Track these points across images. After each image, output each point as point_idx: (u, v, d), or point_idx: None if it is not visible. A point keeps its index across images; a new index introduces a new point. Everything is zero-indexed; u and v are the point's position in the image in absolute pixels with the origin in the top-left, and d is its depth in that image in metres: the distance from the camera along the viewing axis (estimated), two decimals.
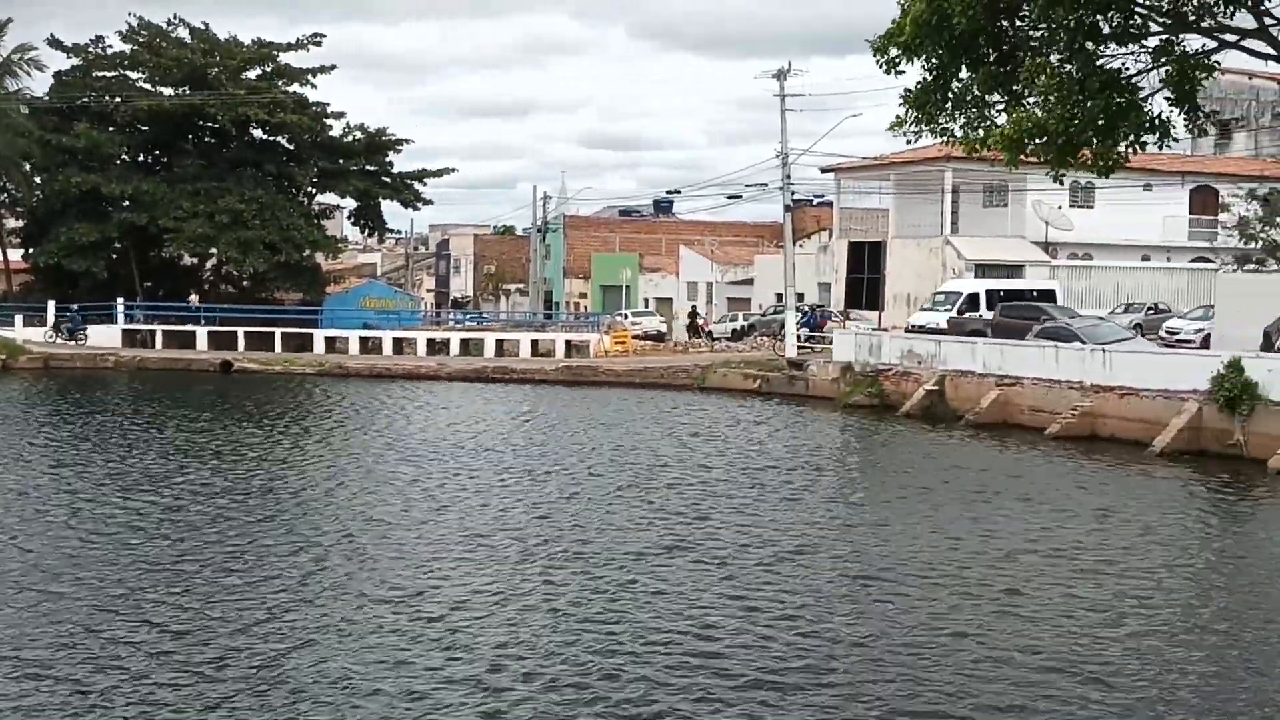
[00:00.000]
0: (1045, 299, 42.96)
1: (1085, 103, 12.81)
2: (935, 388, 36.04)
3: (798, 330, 47.27)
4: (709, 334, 61.62)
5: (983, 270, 49.60)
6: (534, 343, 55.88)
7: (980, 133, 13.11)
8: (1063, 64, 13.28)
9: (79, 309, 55.65)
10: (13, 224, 63.67)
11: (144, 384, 44.80)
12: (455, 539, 18.89)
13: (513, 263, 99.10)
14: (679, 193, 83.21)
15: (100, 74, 62.07)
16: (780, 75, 46.20)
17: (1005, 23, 12.81)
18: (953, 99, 13.15)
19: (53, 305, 56.18)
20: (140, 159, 63.51)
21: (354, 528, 19.70)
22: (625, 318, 65.99)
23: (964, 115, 13.18)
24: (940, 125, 13.32)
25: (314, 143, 62.68)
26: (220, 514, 20.68)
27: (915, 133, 13.59)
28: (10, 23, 59.71)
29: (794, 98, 46.44)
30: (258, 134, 62.92)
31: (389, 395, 41.62)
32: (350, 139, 63.61)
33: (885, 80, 27.10)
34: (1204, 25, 13.98)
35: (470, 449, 28.89)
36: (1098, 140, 13.35)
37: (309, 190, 64.72)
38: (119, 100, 60.27)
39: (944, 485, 24.44)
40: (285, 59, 62.42)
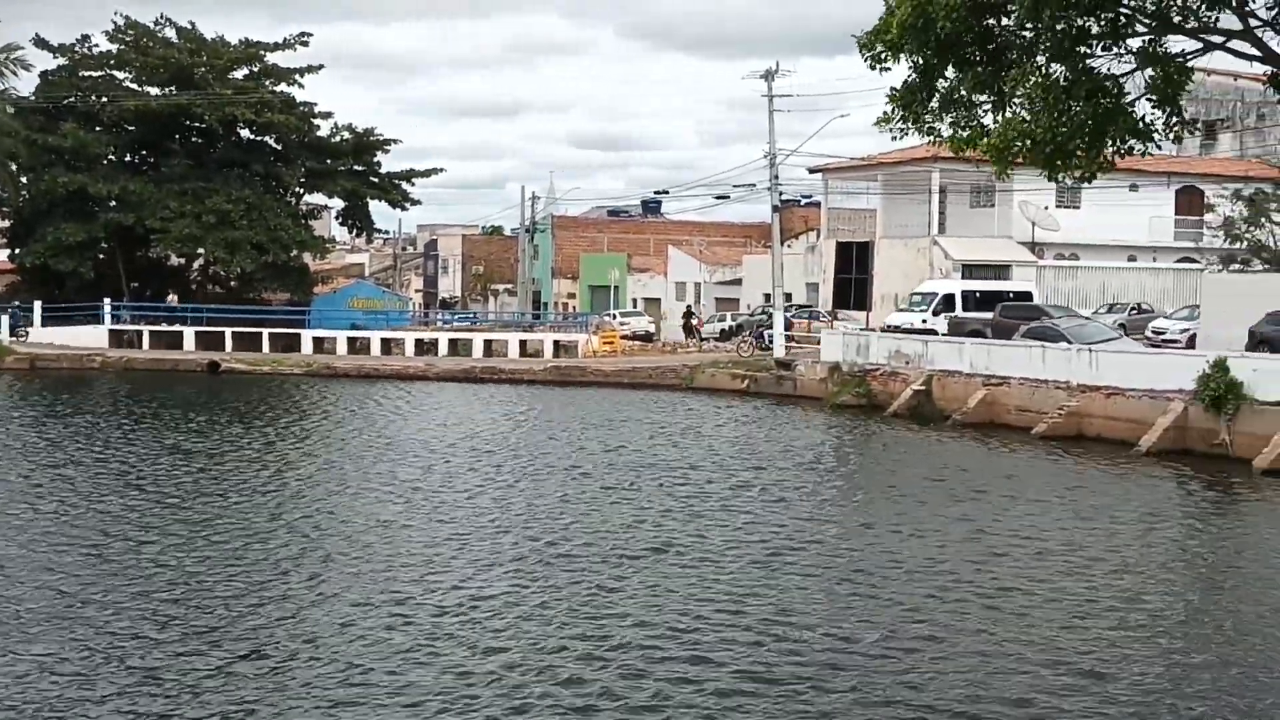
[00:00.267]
0: (1021, 299, 43.19)
1: (1072, 109, 12.85)
2: (922, 388, 36.14)
3: (765, 333, 47.86)
4: (700, 334, 61.65)
5: (970, 270, 49.74)
6: (522, 343, 55.88)
7: (966, 133, 13.15)
8: (1049, 64, 13.33)
9: (18, 305, 55.85)
10: None
11: (130, 385, 44.65)
12: (445, 540, 18.88)
13: (501, 263, 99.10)
14: (667, 193, 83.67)
15: (87, 74, 61.81)
16: (768, 76, 46.32)
17: (992, 21, 12.86)
18: (939, 99, 13.20)
19: (39, 306, 56.04)
20: (127, 159, 63.26)
21: (343, 529, 19.68)
22: (613, 318, 66.04)
23: (951, 115, 13.23)
24: (926, 124, 13.37)
25: (301, 143, 62.55)
26: (207, 516, 20.63)
27: (901, 130, 13.64)
28: None
29: (782, 98, 46.64)
30: (245, 134, 62.75)
31: (377, 396, 41.57)
32: (338, 139, 63.49)
33: (873, 81, 27.17)
34: (1189, 27, 14.06)
35: (459, 449, 28.88)
36: (1085, 146, 13.40)
37: (296, 190, 64.55)
38: (105, 100, 60.07)
39: (931, 485, 24.50)
40: (273, 59, 62.26)
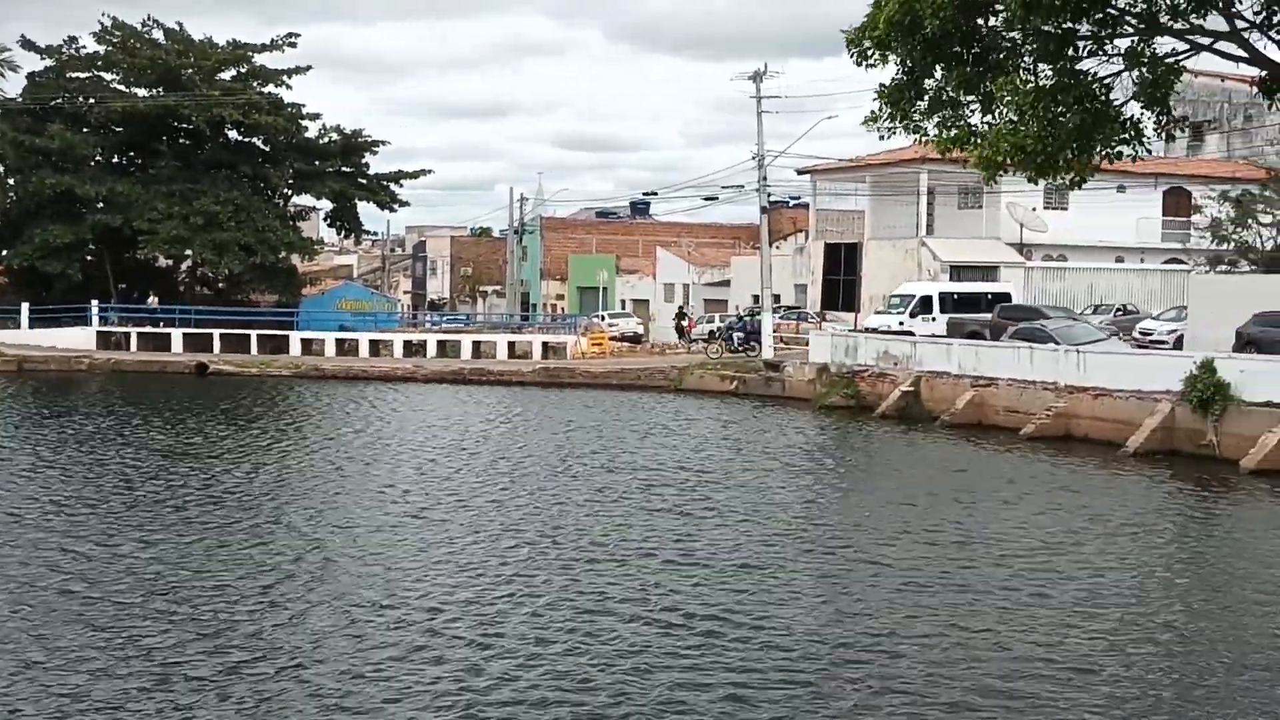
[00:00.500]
0: (1000, 300, 43.60)
1: (1060, 116, 12.85)
2: (911, 389, 36.20)
3: (734, 335, 48.24)
4: (690, 335, 61.59)
5: (958, 272, 49.85)
6: (511, 344, 55.84)
7: (954, 132, 13.16)
8: (1036, 64, 13.32)
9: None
10: None
11: (119, 386, 44.54)
12: (434, 542, 18.86)
13: (489, 264, 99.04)
14: (656, 194, 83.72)
15: (74, 75, 61.62)
16: (756, 77, 46.36)
17: (980, 21, 12.86)
18: (927, 98, 13.21)
19: (26, 307, 55.89)
20: (114, 160, 63.11)
21: (333, 532, 19.64)
22: (602, 319, 66.01)
23: (938, 115, 13.24)
24: (913, 123, 13.37)
25: (289, 144, 62.43)
26: (198, 519, 20.59)
27: (889, 130, 13.64)
28: None
29: (770, 100, 46.67)
30: (233, 135, 62.63)
31: (365, 397, 41.50)
32: (326, 140, 63.38)
33: (861, 82, 27.19)
34: (1176, 28, 14.10)
35: (448, 452, 28.86)
36: (1074, 153, 13.41)
37: (284, 192, 64.45)
38: (93, 101, 59.91)
39: (919, 486, 24.55)
40: (260, 60, 62.13)
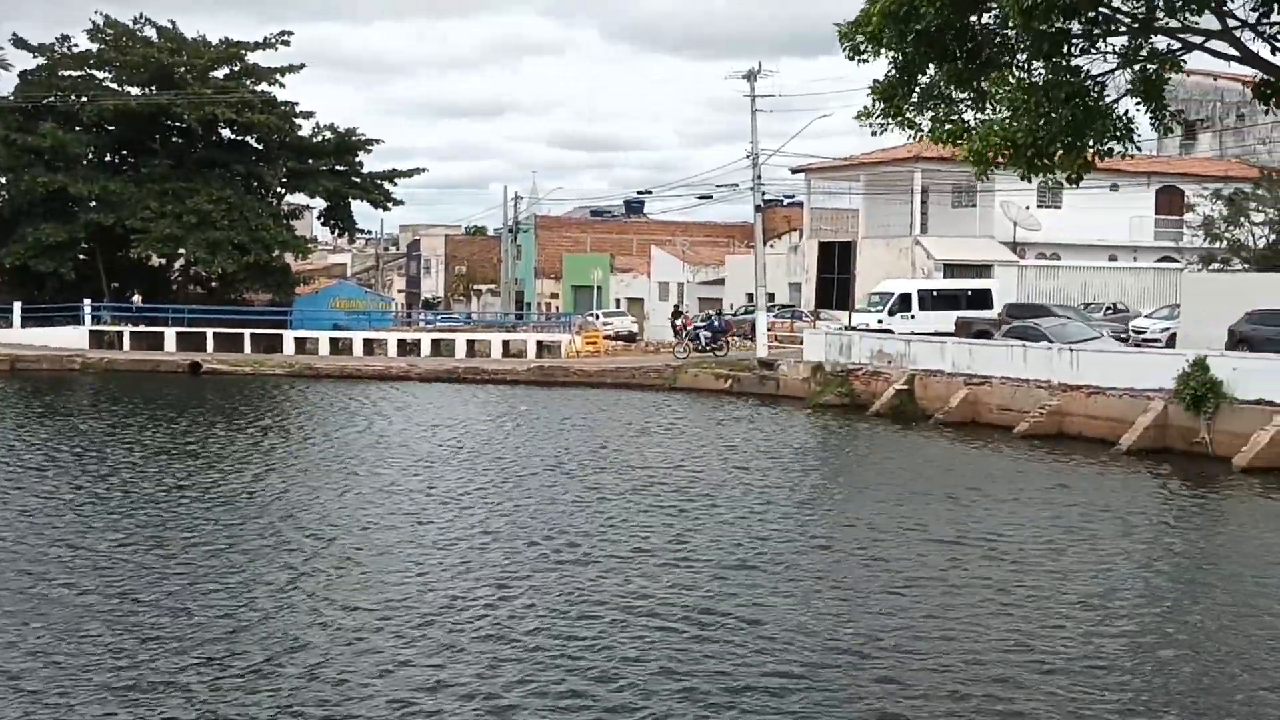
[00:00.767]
0: (979, 298, 43.82)
1: (1052, 112, 12.89)
2: (905, 387, 36.21)
3: (700, 334, 48.49)
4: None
5: (951, 270, 49.95)
6: (505, 343, 55.80)
7: (948, 126, 13.19)
8: (1029, 61, 13.36)
9: None
10: None
11: (112, 386, 44.45)
12: (430, 541, 18.84)
13: (484, 263, 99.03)
14: (650, 193, 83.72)
15: (66, 73, 61.53)
16: (750, 76, 46.38)
17: (974, 18, 12.89)
18: (919, 94, 13.23)
19: (19, 306, 55.77)
20: (107, 159, 63.03)
21: (329, 532, 19.61)
22: (596, 318, 66.02)
23: (931, 111, 13.26)
24: (906, 119, 13.39)
25: (283, 142, 62.37)
26: (193, 518, 20.55)
27: (881, 125, 13.65)
28: None
29: (764, 98, 46.70)
30: (226, 134, 62.57)
31: (360, 397, 41.43)
32: (320, 139, 63.33)
33: (855, 81, 27.29)
34: (1169, 27, 14.14)
35: (442, 451, 28.83)
36: (1065, 149, 13.45)
37: (278, 190, 64.41)
38: (85, 100, 59.80)
39: (913, 485, 24.55)
40: (253, 58, 62.07)
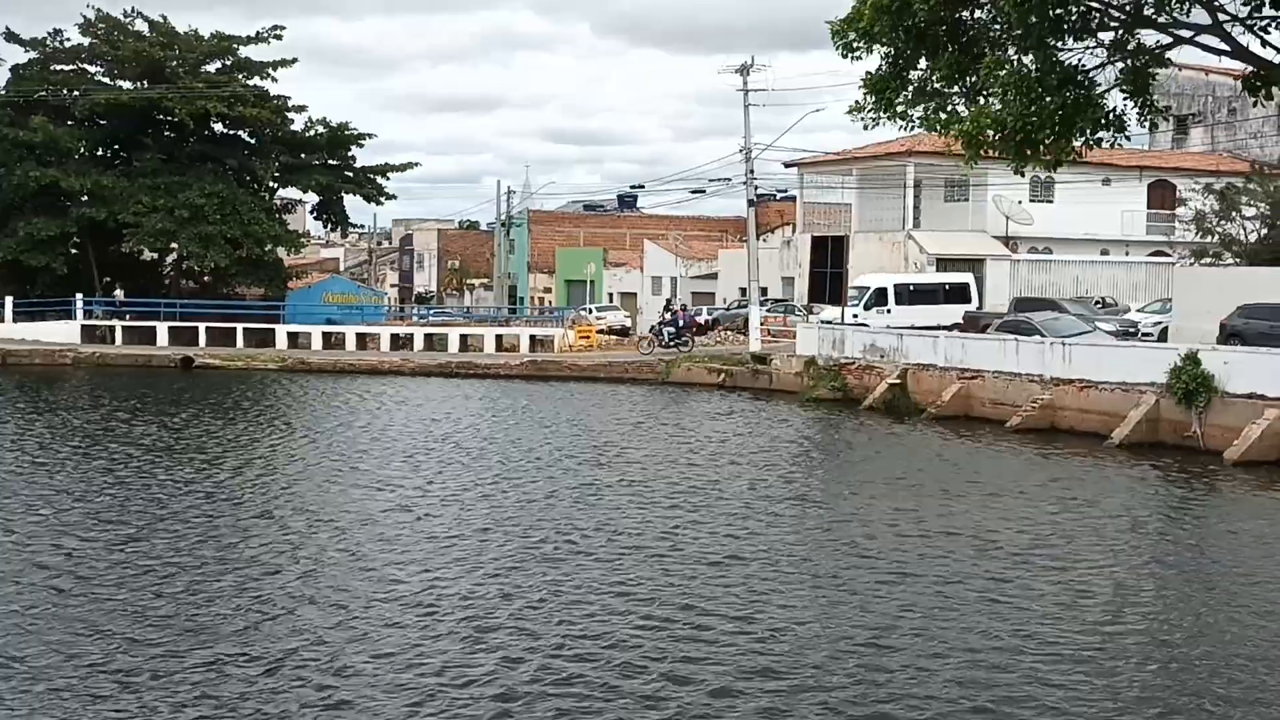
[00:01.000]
0: (957, 292, 44.02)
1: (1044, 99, 12.93)
2: (898, 381, 36.24)
3: (664, 330, 48.69)
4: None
5: (944, 264, 49.98)
6: (498, 338, 55.78)
7: (943, 116, 13.21)
8: (1020, 55, 13.39)
9: None
10: None
11: (104, 380, 44.39)
12: (426, 536, 18.86)
13: (477, 258, 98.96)
14: (643, 187, 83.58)
15: (58, 68, 61.42)
16: (743, 70, 46.34)
17: (965, 14, 12.91)
18: (912, 91, 13.25)
19: (10, 301, 55.66)
20: (99, 153, 62.89)
21: (323, 526, 19.61)
22: (589, 312, 66.00)
23: (923, 105, 13.28)
24: (897, 113, 13.41)
25: (275, 137, 62.29)
26: (188, 514, 20.54)
27: (873, 119, 13.67)
28: None
29: (757, 93, 46.68)
30: (218, 128, 62.44)
31: (353, 391, 41.43)
32: (312, 133, 63.22)
33: (848, 75, 27.36)
34: (1159, 21, 14.17)
35: (436, 446, 28.83)
36: (1055, 136, 13.49)
37: (270, 185, 64.29)
38: (77, 94, 59.68)
39: (905, 479, 24.58)
40: (245, 52, 61.99)
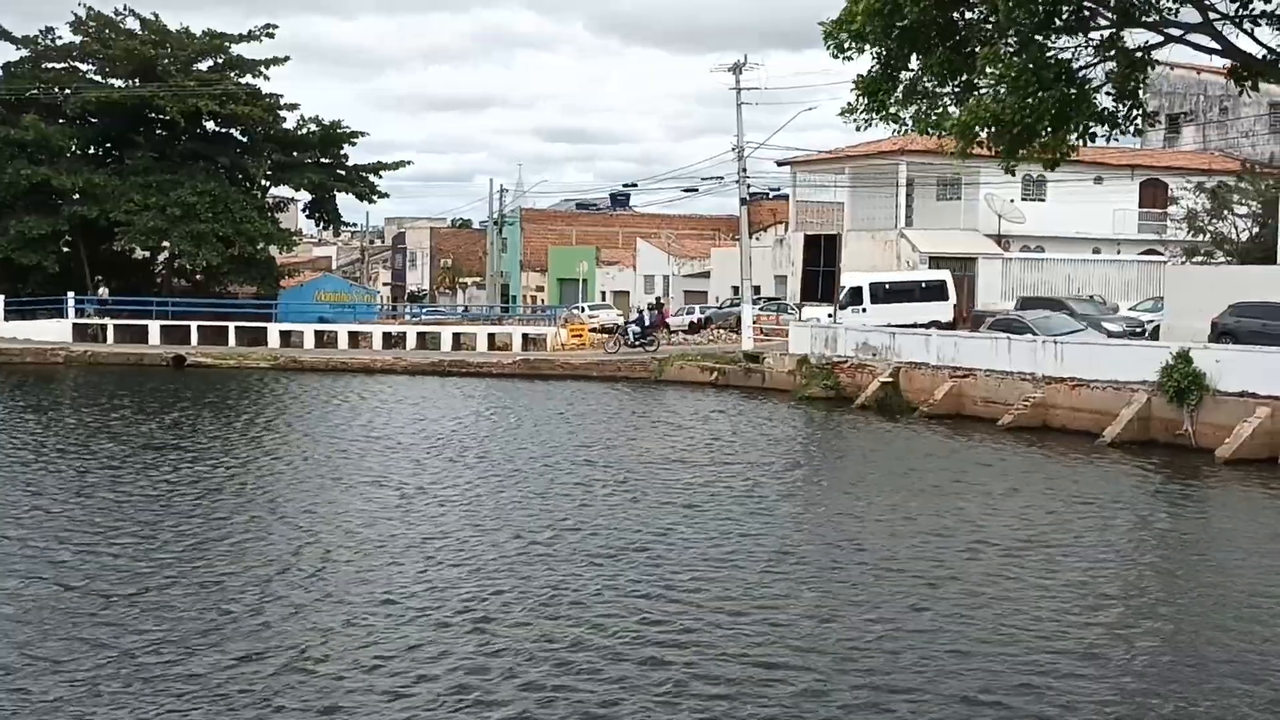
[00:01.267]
0: (934, 289, 44.19)
1: (1039, 93, 12.95)
2: (890, 380, 36.28)
3: (629, 329, 49.02)
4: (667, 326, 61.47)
5: (936, 262, 50.08)
6: (491, 336, 55.75)
7: (934, 118, 13.24)
8: (1014, 54, 13.43)
9: None
10: None
11: (95, 379, 44.32)
12: (421, 536, 18.81)
13: (469, 256, 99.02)
14: (636, 186, 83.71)
15: (49, 65, 61.34)
16: (736, 69, 46.37)
17: (956, 15, 12.93)
18: (904, 90, 13.28)
19: (1, 300, 55.57)
20: (91, 151, 62.77)
21: (317, 525, 19.55)
22: (582, 311, 66.02)
23: (915, 106, 13.31)
24: (890, 113, 13.44)
25: (267, 135, 62.21)
26: (181, 513, 20.50)
27: (865, 120, 13.70)
28: None
29: (750, 91, 46.71)
30: (210, 126, 62.35)
31: (345, 390, 41.38)
32: (305, 131, 63.12)
33: (841, 74, 27.38)
34: (1150, 20, 14.21)
35: (430, 444, 28.78)
36: (1050, 130, 13.52)
37: (262, 183, 64.22)
38: (68, 92, 59.59)
39: (898, 478, 24.61)
40: (238, 50, 61.87)
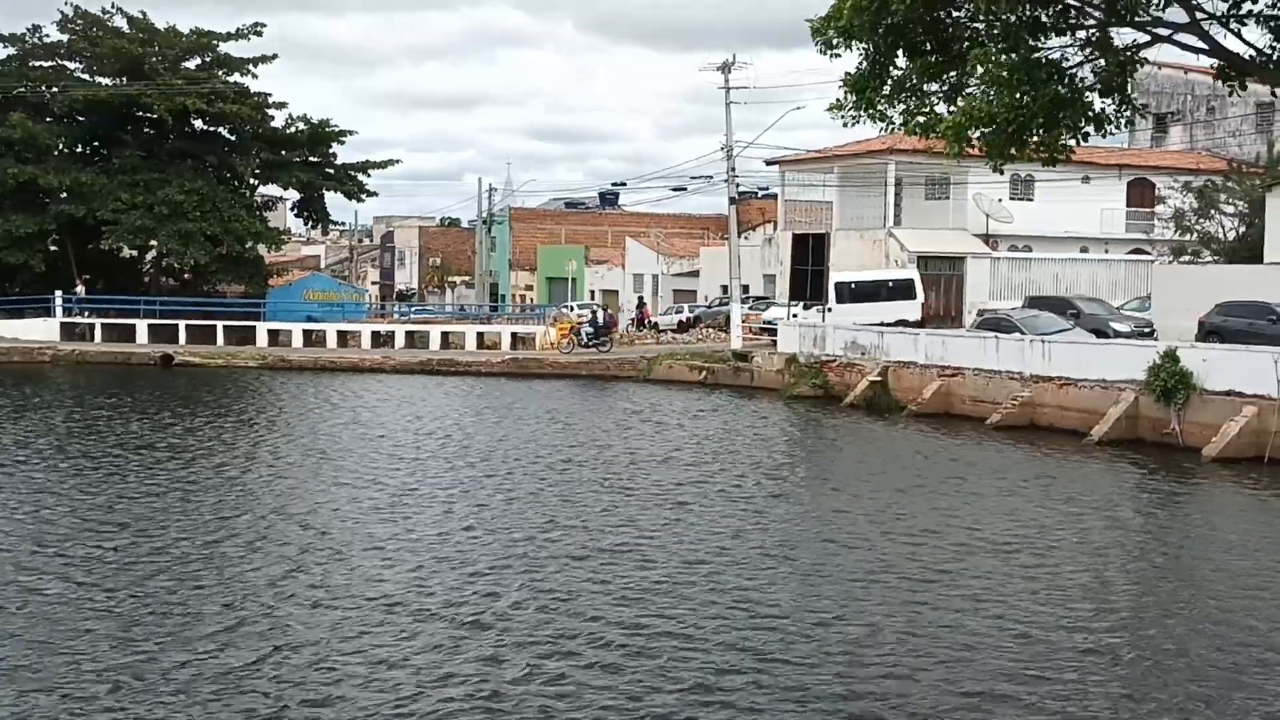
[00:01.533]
0: (901, 288, 44.68)
1: (1032, 92, 12.98)
2: (879, 379, 36.34)
3: (582, 331, 49.25)
4: (654, 325, 61.62)
5: (925, 262, 50.19)
6: (480, 335, 55.74)
7: (920, 119, 13.27)
8: (1003, 54, 13.46)
9: None
10: None
11: (83, 378, 44.19)
12: (412, 537, 18.81)
13: (458, 255, 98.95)
14: (625, 185, 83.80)
15: (36, 64, 61.20)
16: (725, 68, 46.41)
17: (943, 14, 12.96)
18: (891, 86, 13.30)
19: None
20: (78, 150, 62.64)
21: (309, 524, 19.55)
22: (571, 310, 66.02)
23: (902, 102, 13.33)
24: (878, 111, 13.46)
25: (255, 133, 62.10)
26: (165, 512, 20.48)
27: (853, 117, 13.72)
28: None
29: (739, 90, 46.78)
30: (198, 124, 62.27)
31: (333, 389, 41.32)
32: (293, 130, 63.03)
33: (830, 73, 27.44)
34: (1137, 20, 14.25)
35: (419, 443, 28.76)
36: (1042, 130, 13.56)
37: (251, 182, 64.10)
38: (56, 90, 59.43)
39: (887, 477, 24.63)
40: (225, 48, 61.78)
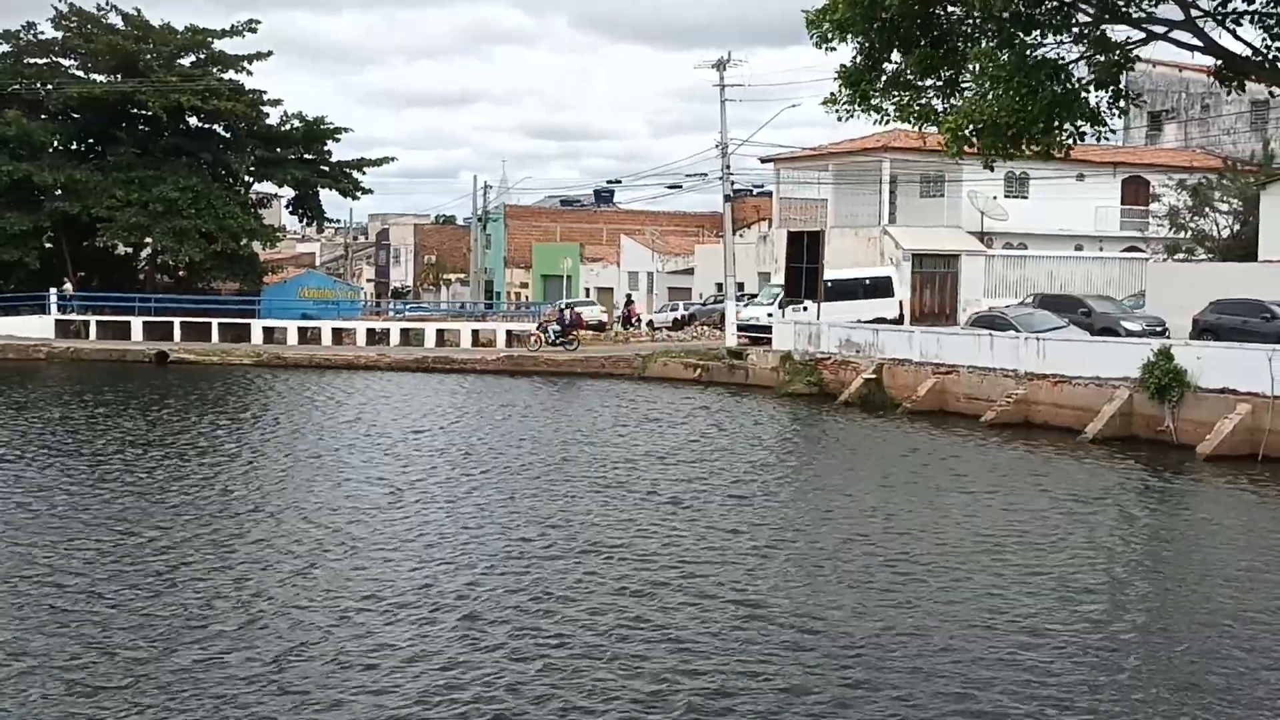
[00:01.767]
0: (879, 286, 45.24)
1: (1032, 94, 12.99)
2: (873, 376, 36.37)
3: (549, 328, 49.24)
4: (649, 323, 61.60)
5: (920, 259, 50.24)
6: (475, 333, 55.73)
7: (916, 110, 13.28)
8: (996, 51, 13.47)
9: None
10: None
11: (78, 376, 44.14)
12: (407, 536, 18.82)
13: (453, 252, 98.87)
14: (620, 182, 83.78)
15: (31, 61, 61.09)
16: (720, 66, 46.40)
17: (937, 10, 12.97)
18: (886, 80, 13.31)
19: None
20: (73, 147, 62.54)
21: (304, 523, 19.56)
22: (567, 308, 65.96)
23: (897, 97, 13.34)
24: (872, 105, 13.46)
25: (250, 131, 62.04)
26: (164, 511, 20.48)
27: (848, 111, 13.72)
28: None
29: (734, 88, 46.76)
30: (193, 122, 62.17)
31: (329, 386, 41.31)
32: (288, 127, 62.95)
33: (825, 71, 27.47)
34: (1132, 16, 14.28)
35: (413, 441, 28.77)
36: (1042, 130, 13.57)
37: (246, 179, 64.03)
38: (50, 88, 59.33)
39: (882, 474, 24.69)
40: (220, 45, 61.70)
